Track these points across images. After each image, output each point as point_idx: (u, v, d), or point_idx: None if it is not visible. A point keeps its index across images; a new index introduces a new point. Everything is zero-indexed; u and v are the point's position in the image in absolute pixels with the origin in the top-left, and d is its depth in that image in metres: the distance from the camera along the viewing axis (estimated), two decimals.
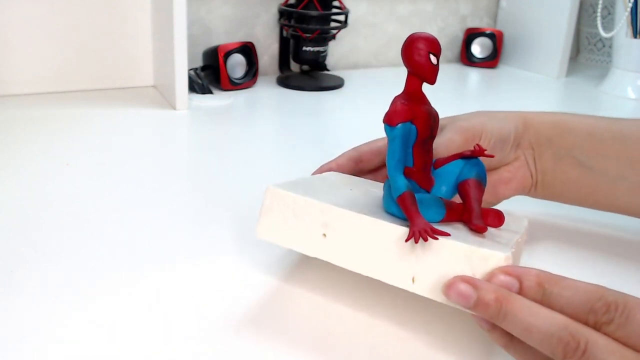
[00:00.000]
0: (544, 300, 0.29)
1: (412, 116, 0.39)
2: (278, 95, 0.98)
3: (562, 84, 1.15)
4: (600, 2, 1.10)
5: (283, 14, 1.02)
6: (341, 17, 1.04)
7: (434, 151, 0.42)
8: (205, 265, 0.46)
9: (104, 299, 0.41)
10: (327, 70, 1.09)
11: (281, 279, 0.45)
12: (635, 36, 1.05)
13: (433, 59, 0.39)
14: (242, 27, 1.05)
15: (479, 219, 0.38)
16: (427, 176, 0.40)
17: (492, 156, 0.40)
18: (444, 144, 0.47)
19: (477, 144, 0.40)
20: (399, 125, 0.38)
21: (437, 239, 0.34)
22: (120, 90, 0.94)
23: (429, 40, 0.39)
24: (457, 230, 0.38)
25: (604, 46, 1.33)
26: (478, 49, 1.26)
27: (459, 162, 0.41)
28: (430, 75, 0.40)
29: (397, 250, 0.36)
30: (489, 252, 0.33)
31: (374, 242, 0.36)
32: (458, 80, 1.18)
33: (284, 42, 1.07)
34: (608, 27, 1.18)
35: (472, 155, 0.40)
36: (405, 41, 0.39)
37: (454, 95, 1.06)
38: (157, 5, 0.88)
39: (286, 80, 1.03)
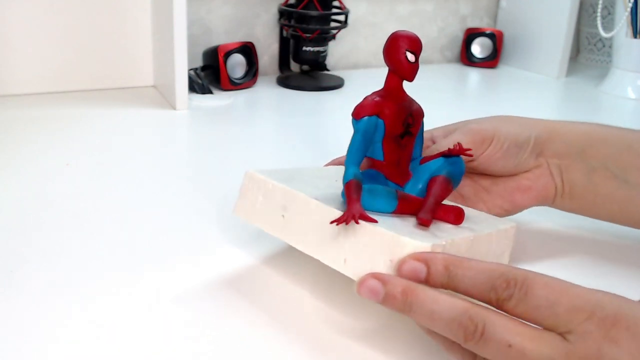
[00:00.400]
0: (450, 282, 0.30)
1: (378, 111, 0.40)
2: (278, 95, 0.98)
3: (562, 84, 1.15)
4: (600, 2, 1.10)
5: (283, 14, 1.02)
6: (341, 17, 1.04)
7: (438, 150, 0.43)
8: (205, 265, 0.46)
9: (104, 298, 0.41)
10: (327, 70, 1.09)
11: (283, 277, 0.45)
12: (635, 36, 1.05)
13: (410, 56, 0.40)
14: (242, 27, 1.05)
15: (427, 212, 0.39)
16: (400, 171, 0.42)
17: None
18: (448, 145, 0.48)
19: (458, 143, 0.41)
20: (364, 118, 0.40)
21: (358, 223, 0.35)
22: (120, 90, 0.94)
23: (407, 38, 0.40)
24: (403, 221, 0.39)
25: (604, 46, 1.33)
26: (478, 49, 1.26)
27: (439, 160, 0.42)
28: (407, 72, 0.40)
29: (333, 232, 0.37)
30: (406, 240, 0.34)
31: (317, 224, 0.38)
32: (458, 80, 1.18)
33: (284, 42, 1.07)
34: (608, 27, 1.18)
35: (451, 154, 0.41)
36: (387, 39, 0.41)
37: (454, 95, 1.06)
38: (157, 5, 0.88)
39: (286, 80, 1.03)
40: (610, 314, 0.26)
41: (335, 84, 1.03)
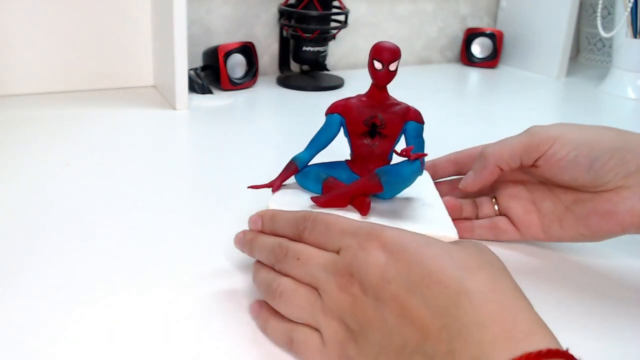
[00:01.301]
0: (273, 228, 0.40)
1: (341, 110, 0.47)
2: (278, 95, 0.98)
3: (562, 84, 1.15)
4: (600, 2, 1.10)
5: (283, 14, 1.02)
6: (341, 17, 1.04)
7: (485, 150, 0.48)
8: (205, 265, 0.46)
9: (104, 298, 0.41)
10: (327, 70, 1.09)
11: None
12: (635, 36, 1.05)
13: (377, 64, 0.45)
14: (242, 27, 1.05)
15: (321, 197, 0.46)
16: (364, 167, 0.47)
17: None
18: (498, 145, 0.48)
19: (410, 146, 0.44)
20: (328, 115, 0.48)
21: (255, 187, 0.48)
22: (120, 90, 0.94)
23: (377, 48, 0.45)
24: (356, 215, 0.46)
25: (604, 46, 1.33)
26: (478, 49, 1.26)
27: (402, 161, 0.45)
28: (375, 78, 0.46)
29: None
30: (270, 203, 0.46)
31: None
32: (458, 80, 1.18)
33: (284, 42, 1.07)
34: (608, 27, 1.18)
35: (400, 155, 0.44)
36: None
37: (454, 95, 1.06)
38: (157, 5, 0.88)
39: (286, 80, 1.03)
40: (365, 232, 0.34)
41: (335, 84, 1.03)
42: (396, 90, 0.45)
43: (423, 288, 0.30)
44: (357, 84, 1.06)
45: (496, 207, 0.52)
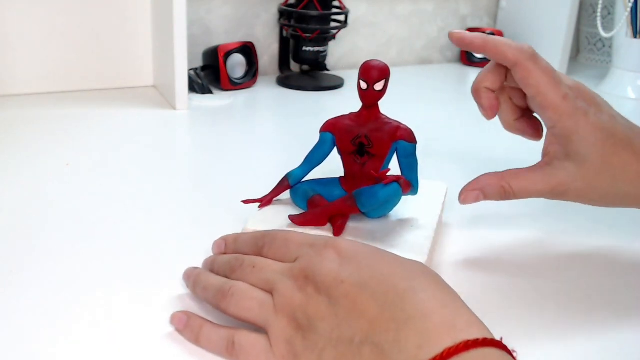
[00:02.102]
0: (237, 247, 0.42)
1: (331, 129, 0.48)
2: (278, 95, 0.98)
3: None
4: (600, 2, 1.10)
5: (283, 14, 1.02)
6: (341, 17, 1.04)
7: (512, 185, 0.45)
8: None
9: (104, 298, 0.41)
10: (327, 70, 1.09)
11: None
12: (635, 36, 1.05)
13: (362, 84, 0.46)
14: (242, 27, 1.05)
15: (299, 215, 0.46)
16: (354, 184, 0.47)
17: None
18: (523, 182, 0.46)
19: (385, 169, 0.45)
20: (321, 132, 0.49)
21: (247, 202, 0.49)
22: (120, 90, 0.94)
23: (363, 67, 0.46)
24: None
25: (604, 46, 1.33)
26: None
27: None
28: (361, 98, 0.47)
29: None
30: (249, 219, 0.47)
31: None
32: (458, 80, 1.18)
33: (284, 42, 1.07)
34: (608, 27, 1.18)
35: (377, 177, 0.44)
36: None
37: (454, 96, 1.06)
38: (157, 5, 0.88)
39: (286, 80, 1.03)
40: (322, 242, 0.36)
41: (335, 84, 1.03)
42: (396, 90, 0.45)
43: (374, 285, 0.32)
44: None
45: None
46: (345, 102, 0.96)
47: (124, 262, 0.46)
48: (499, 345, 0.29)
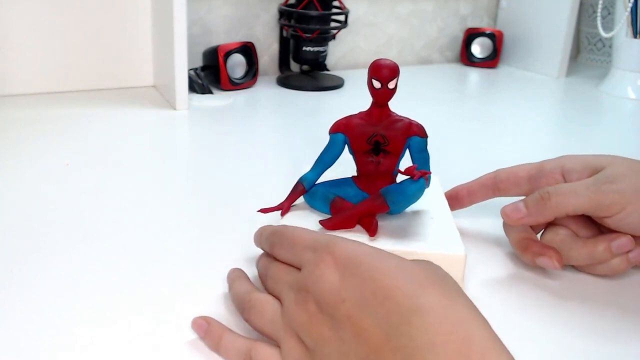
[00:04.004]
0: (261, 242, 0.41)
1: (343, 130, 0.47)
2: (278, 95, 0.98)
3: (562, 84, 1.15)
4: (600, 2, 1.10)
5: (283, 14, 1.02)
6: (341, 17, 1.04)
7: (550, 197, 0.45)
8: (205, 266, 0.46)
9: (104, 298, 0.41)
10: (327, 70, 1.09)
11: None
12: (635, 36, 1.05)
13: (376, 83, 0.45)
14: (242, 27, 1.05)
15: (329, 219, 0.45)
16: (370, 183, 0.48)
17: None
18: (563, 195, 0.45)
19: (413, 165, 0.44)
20: (332, 134, 0.48)
21: (265, 211, 0.48)
22: (120, 90, 0.94)
23: (375, 66, 0.45)
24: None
25: (604, 46, 1.33)
26: (478, 49, 1.26)
27: (405, 179, 0.45)
28: (374, 97, 0.46)
29: None
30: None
31: None
32: (458, 80, 1.18)
33: (284, 42, 1.07)
34: (608, 27, 1.18)
35: (405, 174, 0.44)
36: None
37: (454, 96, 1.06)
38: (157, 5, 0.88)
39: (286, 80, 1.03)
40: (321, 247, 0.34)
41: (335, 84, 1.03)
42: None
43: (376, 306, 0.30)
44: (357, 84, 1.06)
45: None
46: (345, 102, 0.96)
47: (123, 261, 0.46)
48: None
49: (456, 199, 0.54)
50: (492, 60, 1.25)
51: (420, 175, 0.43)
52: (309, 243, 0.36)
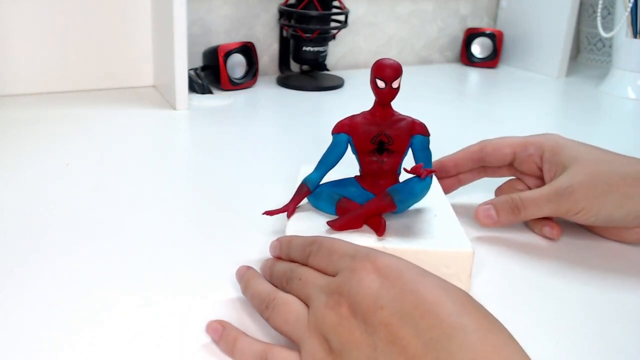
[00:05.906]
0: (288, 253, 0.41)
1: (347, 130, 0.47)
2: (278, 95, 0.98)
3: (562, 84, 1.15)
4: (600, 2, 1.10)
5: (283, 14, 1.02)
6: (341, 17, 1.04)
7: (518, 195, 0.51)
8: (205, 266, 0.46)
9: (104, 298, 0.41)
10: (327, 70, 1.09)
11: None
12: (635, 36, 1.05)
13: (380, 83, 0.45)
14: (242, 27, 1.05)
15: (337, 220, 0.45)
16: (374, 182, 0.48)
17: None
18: (530, 193, 0.52)
19: (419, 164, 0.44)
20: (335, 134, 0.48)
21: (270, 213, 0.47)
22: (120, 90, 0.94)
23: (378, 66, 0.45)
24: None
25: (604, 46, 1.33)
26: (478, 49, 1.26)
27: (410, 177, 0.45)
28: (378, 97, 0.46)
29: None
30: (287, 230, 0.45)
31: None
32: (458, 80, 1.18)
33: (284, 42, 1.07)
34: (608, 27, 1.18)
35: (411, 173, 0.44)
36: None
37: (454, 96, 1.06)
38: (157, 5, 0.88)
39: (286, 80, 1.03)
40: (362, 255, 0.34)
41: (335, 84, 1.03)
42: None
43: (417, 318, 0.29)
44: (357, 84, 1.06)
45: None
46: (345, 102, 0.96)
47: (123, 261, 0.46)
48: None
49: (442, 169, 0.57)
50: (492, 60, 1.25)
51: (427, 173, 0.43)
52: (349, 252, 0.36)
